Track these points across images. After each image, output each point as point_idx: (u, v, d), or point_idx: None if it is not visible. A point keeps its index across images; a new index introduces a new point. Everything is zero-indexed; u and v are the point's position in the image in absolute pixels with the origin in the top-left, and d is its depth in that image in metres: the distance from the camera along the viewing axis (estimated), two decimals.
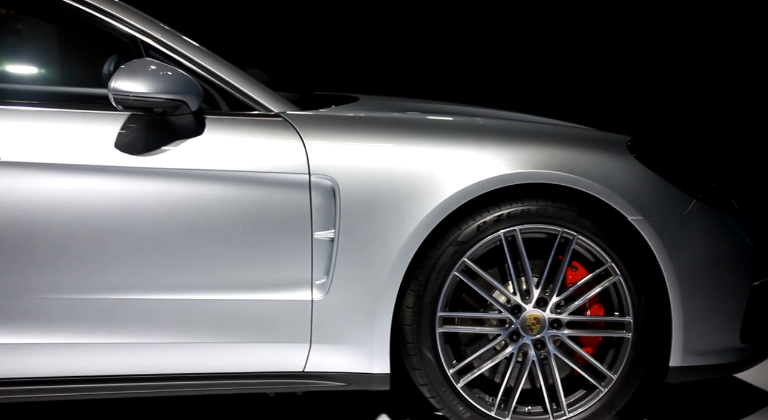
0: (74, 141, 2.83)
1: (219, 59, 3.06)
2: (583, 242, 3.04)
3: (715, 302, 3.10)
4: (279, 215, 2.92)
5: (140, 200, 2.85)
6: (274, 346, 2.97)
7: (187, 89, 2.81)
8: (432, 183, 2.95)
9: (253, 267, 2.92)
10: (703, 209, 3.12)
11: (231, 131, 2.94)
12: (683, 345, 3.07)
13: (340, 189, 2.92)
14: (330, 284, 2.94)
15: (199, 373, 2.97)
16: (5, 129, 2.82)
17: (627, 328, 3.09)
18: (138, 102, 2.75)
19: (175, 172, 2.87)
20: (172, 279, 2.89)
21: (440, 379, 3.06)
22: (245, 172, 2.91)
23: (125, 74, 2.74)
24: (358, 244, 2.94)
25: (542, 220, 3.02)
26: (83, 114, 2.90)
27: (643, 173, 3.07)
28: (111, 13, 2.99)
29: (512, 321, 3.07)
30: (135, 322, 2.89)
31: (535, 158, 3.01)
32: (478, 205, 3.01)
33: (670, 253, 3.02)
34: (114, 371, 2.92)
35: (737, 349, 3.19)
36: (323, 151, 2.94)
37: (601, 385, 3.11)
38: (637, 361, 3.10)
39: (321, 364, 3.00)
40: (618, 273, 3.05)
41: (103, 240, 2.84)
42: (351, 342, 2.98)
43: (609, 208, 3.02)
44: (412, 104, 3.86)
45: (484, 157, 2.99)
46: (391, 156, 2.97)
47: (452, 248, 3.00)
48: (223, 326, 2.94)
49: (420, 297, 3.01)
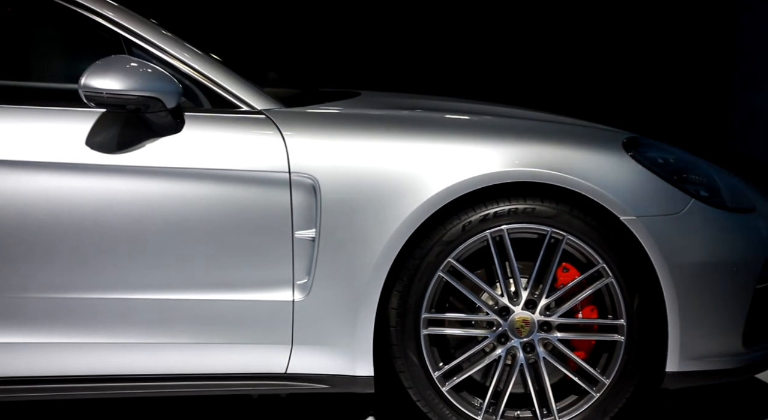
0: (49, 138, 2.81)
1: (202, 55, 3.01)
2: (574, 243, 2.94)
3: (714, 305, 2.98)
4: (259, 214, 2.87)
5: (117, 199, 2.82)
6: (254, 347, 2.92)
7: (163, 86, 2.78)
8: (416, 181, 2.88)
9: (232, 267, 2.87)
10: (703, 209, 2.99)
11: (211, 129, 2.90)
12: (680, 349, 2.96)
13: (321, 187, 2.86)
14: (311, 285, 2.88)
15: (178, 373, 2.93)
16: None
17: (620, 332, 2.98)
18: (110, 99, 2.72)
19: (152, 170, 2.83)
20: (150, 278, 2.86)
21: (425, 382, 2.99)
22: (225, 170, 2.86)
23: (97, 70, 2.72)
24: (340, 244, 2.88)
25: (531, 219, 2.93)
26: (58, 111, 2.88)
27: (638, 172, 2.96)
28: (92, 8, 2.96)
29: (500, 323, 2.98)
30: (112, 322, 2.86)
31: (521, 156, 2.92)
32: (465, 203, 2.93)
33: (665, 254, 2.91)
34: (91, 371, 2.89)
35: (739, 354, 3.06)
36: (304, 149, 2.89)
37: (594, 390, 3.00)
38: (630, 366, 2.99)
39: (303, 366, 2.95)
40: (610, 274, 2.95)
41: (79, 239, 2.82)
42: (333, 343, 2.92)
43: (601, 208, 2.92)
44: (412, 101, 3.79)
45: (469, 155, 2.90)
46: (374, 154, 2.90)
47: (437, 248, 2.92)
48: (202, 326, 2.90)
49: (404, 298, 2.94)
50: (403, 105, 3.53)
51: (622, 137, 3.09)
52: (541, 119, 3.42)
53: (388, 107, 3.37)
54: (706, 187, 3.12)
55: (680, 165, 3.14)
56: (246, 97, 2.98)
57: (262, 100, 2.99)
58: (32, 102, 2.91)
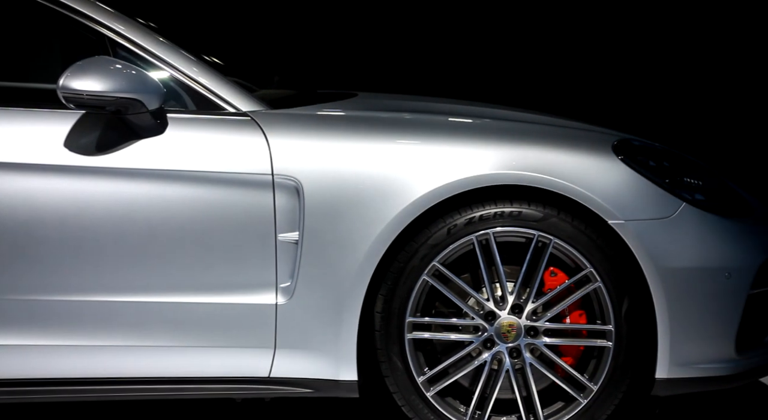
0: (30, 140, 2.81)
1: (188, 57, 2.99)
2: (561, 247, 2.89)
3: (706, 311, 2.92)
4: (242, 217, 2.84)
5: (98, 201, 2.81)
6: (237, 350, 2.90)
7: (144, 88, 2.76)
8: (400, 184, 2.85)
9: (215, 269, 2.85)
10: (694, 213, 2.93)
11: (194, 130, 2.88)
12: (670, 356, 2.90)
13: (304, 190, 2.84)
14: (294, 288, 2.85)
15: (159, 376, 2.91)
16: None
17: (608, 337, 2.93)
18: (89, 100, 2.71)
19: (134, 172, 2.82)
20: (132, 281, 2.84)
21: (409, 387, 2.95)
22: (208, 172, 2.84)
23: (76, 72, 2.70)
24: (323, 247, 2.85)
25: (517, 223, 2.89)
26: (39, 113, 2.87)
27: (627, 175, 2.90)
28: (75, 8, 2.94)
29: (486, 328, 2.93)
30: (94, 325, 2.85)
31: (507, 158, 2.88)
32: (451, 206, 2.89)
33: (654, 259, 2.85)
34: (72, 374, 2.88)
35: (732, 361, 3.00)
36: (287, 151, 2.86)
37: (581, 397, 2.95)
38: (618, 372, 2.94)
39: (287, 370, 2.92)
40: (598, 279, 2.89)
41: (60, 241, 2.81)
42: (317, 347, 2.89)
43: (589, 212, 2.87)
44: (406, 102, 3.74)
45: (454, 157, 2.87)
46: (359, 156, 2.87)
47: (422, 251, 2.88)
48: (184, 329, 2.88)
49: (389, 302, 2.91)
50: (395, 107, 3.49)
51: (612, 140, 3.03)
52: (531, 121, 3.37)
53: (378, 109, 3.33)
54: (703, 191, 3.06)
55: (675, 168, 3.08)
56: (231, 99, 2.96)
57: (247, 101, 2.97)
58: (13, 103, 2.89)
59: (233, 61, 4.35)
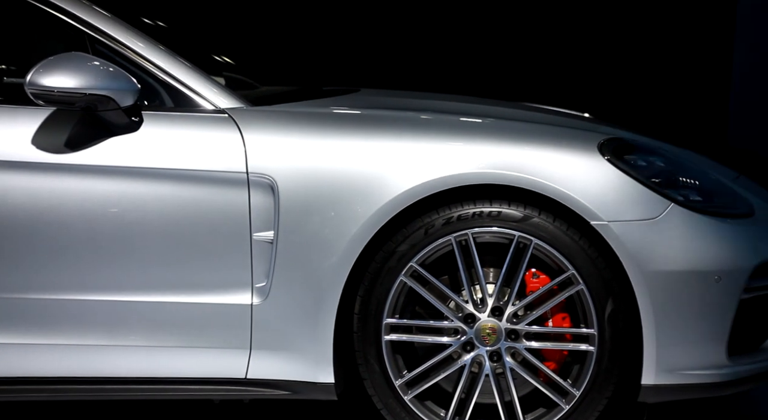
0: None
1: (167, 53, 2.96)
2: (543, 248, 2.81)
3: (695, 315, 2.82)
4: (217, 215, 2.81)
5: (71, 198, 2.80)
6: (213, 351, 2.87)
7: (116, 84, 2.73)
8: (377, 182, 2.79)
9: (190, 269, 2.82)
10: (683, 214, 2.83)
11: (170, 128, 2.86)
12: (657, 361, 2.81)
13: (280, 188, 2.79)
14: (270, 288, 2.81)
15: (133, 376, 2.88)
16: None
17: (590, 341, 2.84)
18: (58, 97, 2.69)
19: (108, 170, 2.80)
20: (106, 280, 2.82)
21: (386, 390, 2.89)
22: (183, 170, 2.81)
23: (44, 68, 2.69)
24: (299, 247, 2.80)
25: (496, 223, 2.82)
26: (9, 108, 2.85)
27: (611, 174, 2.81)
28: (51, 2, 2.93)
29: (465, 331, 2.86)
30: (66, 323, 2.83)
31: (486, 157, 2.81)
32: (430, 206, 2.83)
33: (639, 261, 2.77)
34: (46, 373, 2.86)
35: (723, 367, 2.89)
36: (263, 148, 2.82)
37: (563, 403, 2.87)
38: (602, 378, 2.85)
39: (263, 372, 2.88)
40: (580, 282, 2.81)
41: (33, 239, 2.80)
42: (294, 349, 2.85)
43: (571, 212, 2.79)
44: (402, 100, 3.68)
45: (432, 155, 2.81)
46: (335, 154, 2.82)
47: (399, 252, 2.82)
48: (159, 329, 2.85)
49: (366, 303, 2.85)
50: (384, 104, 3.44)
51: (599, 138, 2.94)
52: (518, 119, 3.29)
53: (365, 106, 3.28)
54: (699, 191, 2.97)
55: (668, 167, 2.99)
56: (209, 96, 2.92)
57: (226, 98, 2.93)
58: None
59: (242, 57, 4.33)
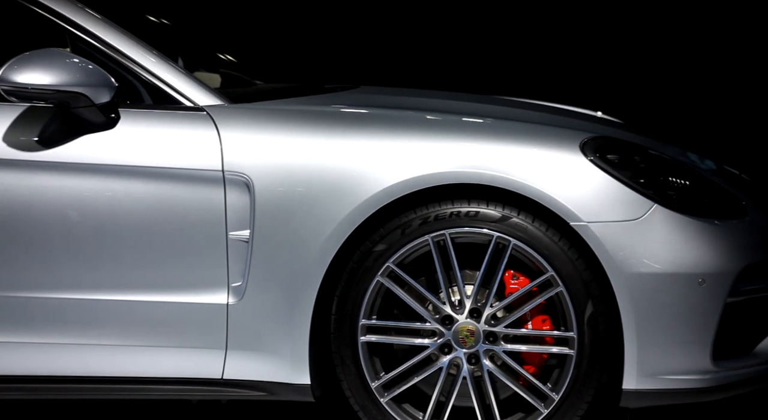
0: None
1: (147, 50, 2.94)
2: (521, 249, 2.76)
3: (677, 319, 2.76)
4: (193, 214, 2.79)
5: (46, 196, 2.79)
6: (188, 351, 2.85)
7: (91, 81, 2.72)
8: (353, 181, 2.76)
9: (165, 268, 2.81)
10: (666, 215, 2.77)
11: (147, 125, 2.84)
12: (638, 365, 2.75)
13: (255, 187, 2.77)
14: (245, 287, 2.78)
15: (108, 376, 2.87)
16: None
17: (570, 345, 2.79)
18: (32, 93, 2.68)
19: (84, 167, 2.79)
20: (81, 278, 2.81)
21: (362, 392, 2.85)
22: (159, 168, 2.80)
23: (16, 64, 2.68)
24: (274, 246, 2.78)
25: (474, 223, 2.77)
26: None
27: (592, 174, 2.76)
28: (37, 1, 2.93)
29: (442, 332, 2.82)
30: (39, 322, 2.83)
31: (464, 156, 2.77)
32: (409, 205, 2.79)
33: (620, 263, 2.71)
34: (15, 372, 2.86)
35: (709, 372, 2.82)
36: (239, 146, 2.80)
37: (542, 407, 2.81)
38: (581, 382, 2.79)
39: (239, 372, 2.85)
40: (560, 283, 2.76)
41: (7, 236, 2.80)
42: (269, 349, 2.82)
43: (550, 213, 2.74)
44: (392, 98, 3.66)
45: (409, 154, 2.78)
46: (311, 152, 2.80)
47: (376, 252, 2.79)
48: (135, 328, 2.84)
49: (342, 303, 2.82)
50: (372, 101, 3.41)
51: (582, 137, 2.88)
52: (500, 117, 3.22)
53: (349, 104, 3.25)
54: (688, 192, 2.90)
55: (655, 167, 2.92)
56: (188, 93, 2.90)
57: (205, 96, 2.91)
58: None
59: (248, 55, 4.32)
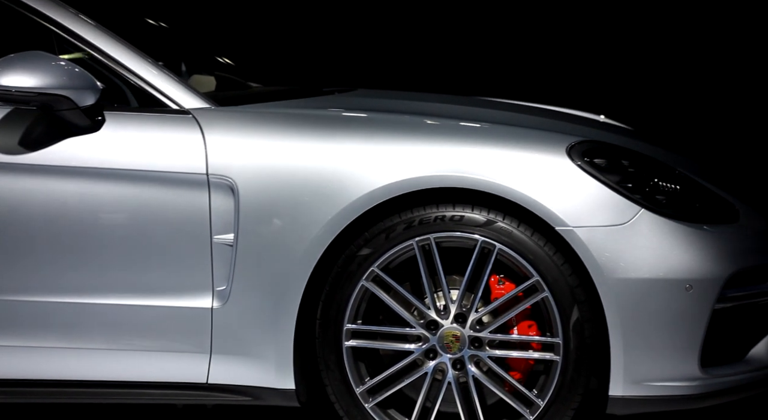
0: None
1: (134, 53, 2.93)
2: (507, 254, 2.74)
3: (664, 325, 2.73)
4: (177, 217, 2.79)
5: (30, 199, 2.79)
6: (173, 355, 2.84)
7: (75, 83, 2.71)
8: (337, 185, 2.75)
9: (149, 271, 2.80)
10: (653, 220, 2.75)
11: (131, 128, 2.84)
12: (624, 372, 2.73)
13: (240, 190, 2.76)
14: (230, 291, 2.78)
15: (92, 380, 2.86)
16: None
17: (555, 350, 2.76)
18: (14, 96, 2.68)
19: (68, 170, 2.79)
20: (66, 281, 2.81)
21: (347, 397, 2.83)
22: (143, 171, 2.79)
23: (0, 67, 2.67)
24: (259, 250, 2.77)
25: (459, 228, 2.75)
26: None
27: (578, 178, 2.74)
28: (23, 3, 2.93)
29: (427, 337, 2.80)
30: (27, 325, 2.83)
31: (448, 160, 2.76)
32: (395, 209, 2.77)
33: (606, 268, 2.69)
34: (5, 375, 2.85)
35: (697, 379, 2.79)
36: (223, 149, 2.79)
37: (528, 413, 2.79)
38: (567, 388, 2.77)
39: (224, 377, 2.84)
40: (545, 289, 2.74)
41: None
42: (254, 354, 2.81)
43: (536, 217, 2.72)
44: (384, 101, 3.64)
45: (393, 158, 2.76)
46: (296, 155, 2.79)
47: (361, 256, 2.77)
48: (119, 332, 2.84)
49: (326, 308, 2.80)
50: (365, 105, 3.41)
51: (569, 141, 2.86)
52: (487, 120, 3.19)
53: (336, 107, 3.24)
54: (677, 197, 2.88)
55: (643, 172, 2.89)
56: (174, 96, 2.90)
57: (191, 99, 2.90)
58: None
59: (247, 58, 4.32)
